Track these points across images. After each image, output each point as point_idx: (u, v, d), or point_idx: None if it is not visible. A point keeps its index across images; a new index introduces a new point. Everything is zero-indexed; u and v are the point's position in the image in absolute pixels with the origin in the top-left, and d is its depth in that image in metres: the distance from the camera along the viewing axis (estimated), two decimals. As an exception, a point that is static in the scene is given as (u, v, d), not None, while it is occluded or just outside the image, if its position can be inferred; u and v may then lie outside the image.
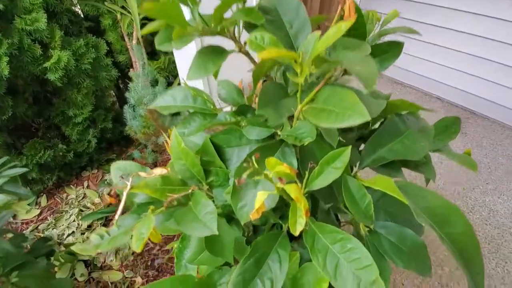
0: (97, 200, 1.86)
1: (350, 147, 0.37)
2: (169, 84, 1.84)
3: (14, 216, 1.87)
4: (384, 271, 0.39)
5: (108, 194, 1.83)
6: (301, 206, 0.33)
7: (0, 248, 0.84)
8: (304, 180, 0.40)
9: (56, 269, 1.52)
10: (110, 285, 1.53)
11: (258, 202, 0.35)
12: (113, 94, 2.07)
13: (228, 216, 0.57)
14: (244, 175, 0.30)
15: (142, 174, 0.46)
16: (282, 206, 0.60)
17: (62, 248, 1.57)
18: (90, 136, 1.83)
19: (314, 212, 0.57)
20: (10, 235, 1.52)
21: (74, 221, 1.81)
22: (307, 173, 0.40)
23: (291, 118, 0.44)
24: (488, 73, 2.07)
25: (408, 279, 1.29)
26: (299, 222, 0.36)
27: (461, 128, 0.68)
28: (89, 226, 1.75)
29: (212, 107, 0.52)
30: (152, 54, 1.91)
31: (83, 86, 1.68)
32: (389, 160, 0.46)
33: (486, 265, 1.33)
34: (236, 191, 0.40)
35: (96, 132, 1.86)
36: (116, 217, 0.40)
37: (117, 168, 0.49)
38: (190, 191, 0.45)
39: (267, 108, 0.39)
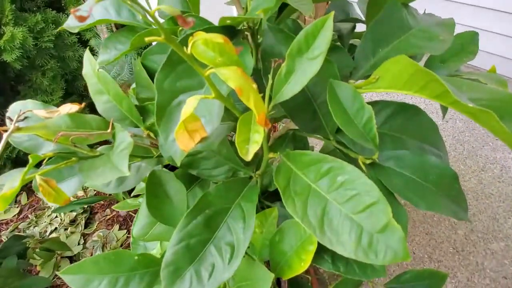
0: (80, 193, 1.74)
1: (332, 14, 0.22)
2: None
3: (-8, 217, 1.75)
4: (398, 216, 0.25)
5: None
6: (251, 105, 0.19)
7: None
8: (268, 88, 0.26)
9: (38, 267, 1.41)
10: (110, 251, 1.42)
11: (184, 113, 0.21)
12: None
13: (188, 176, 0.43)
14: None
15: (40, 112, 0.32)
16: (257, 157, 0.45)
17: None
18: (64, 124, 1.68)
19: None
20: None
21: (56, 217, 1.69)
22: (270, 77, 0.26)
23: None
24: (487, 23, 1.89)
25: (419, 247, 1.17)
26: (252, 140, 0.21)
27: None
28: (73, 221, 1.64)
29: (142, 19, 0.37)
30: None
31: (48, 68, 1.52)
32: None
33: (502, 225, 1.21)
34: (162, 114, 0.26)
35: (72, 121, 1.71)
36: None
37: (14, 111, 0.34)
38: (109, 130, 0.31)
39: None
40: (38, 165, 0.32)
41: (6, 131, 0.31)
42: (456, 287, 1.04)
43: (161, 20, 0.40)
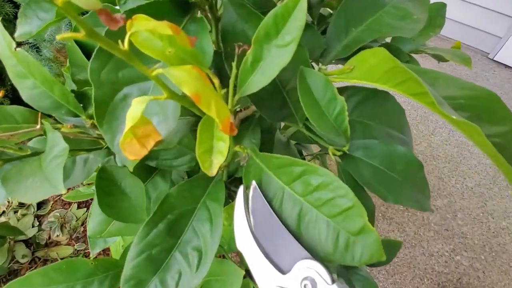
0: (27, 172, 1.58)
1: (305, -5, 0.19)
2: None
3: None
4: (366, 208, 0.25)
5: None
6: (213, 113, 0.15)
7: None
8: (232, 78, 0.22)
9: (-11, 255, 1.31)
10: (59, 260, 1.37)
11: (131, 118, 0.17)
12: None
13: (145, 166, 0.39)
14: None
15: None
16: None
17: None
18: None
19: (268, 148, 0.41)
20: None
21: (2, 199, 1.53)
22: (234, 65, 0.22)
23: None
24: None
25: (375, 207, 1.28)
26: (216, 149, 0.19)
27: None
28: (22, 204, 1.50)
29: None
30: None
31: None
32: (367, 41, 0.29)
33: (447, 183, 1.37)
34: (103, 112, 0.21)
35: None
36: None
37: None
38: (38, 126, 0.25)
39: None
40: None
41: None
42: (404, 240, 1.18)
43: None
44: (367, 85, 0.24)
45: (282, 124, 0.58)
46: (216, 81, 0.18)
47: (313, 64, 0.32)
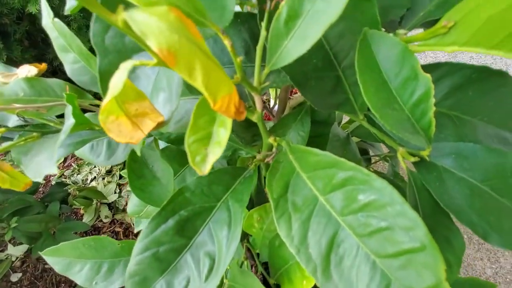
0: (114, 145, 1.83)
1: None
2: None
3: (43, 163, 1.94)
4: (450, 255, 0.16)
5: None
6: (197, 83, 0.10)
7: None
8: (259, 43, 0.16)
9: (82, 211, 1.58)
10: (132, 225, 1.57)
11: (112, 88, 0.13)
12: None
13: (183, 152, 0.37)
14: None
15: (-7, 77, 0.26)
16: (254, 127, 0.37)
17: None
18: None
19: (320, 144, 0.34)
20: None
21: (95, 167, 1.83)
22: (262, 25, 0.16)
23: None
24: None
25: (460, 225, 1.05)
26: (215, 139, 0.13)
27: None
28: (109, 171, 1.75)
29: None
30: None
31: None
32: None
33: None
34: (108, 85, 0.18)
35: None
36: None
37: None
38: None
39: None
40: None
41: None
42: (496, 273, 0.93)
43: None
44: (474, 54, 0.15)
45: (347, 118, 0.49)
46: (229, 45, 0.13)
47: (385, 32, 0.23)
